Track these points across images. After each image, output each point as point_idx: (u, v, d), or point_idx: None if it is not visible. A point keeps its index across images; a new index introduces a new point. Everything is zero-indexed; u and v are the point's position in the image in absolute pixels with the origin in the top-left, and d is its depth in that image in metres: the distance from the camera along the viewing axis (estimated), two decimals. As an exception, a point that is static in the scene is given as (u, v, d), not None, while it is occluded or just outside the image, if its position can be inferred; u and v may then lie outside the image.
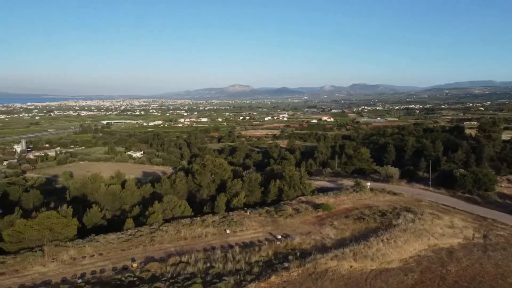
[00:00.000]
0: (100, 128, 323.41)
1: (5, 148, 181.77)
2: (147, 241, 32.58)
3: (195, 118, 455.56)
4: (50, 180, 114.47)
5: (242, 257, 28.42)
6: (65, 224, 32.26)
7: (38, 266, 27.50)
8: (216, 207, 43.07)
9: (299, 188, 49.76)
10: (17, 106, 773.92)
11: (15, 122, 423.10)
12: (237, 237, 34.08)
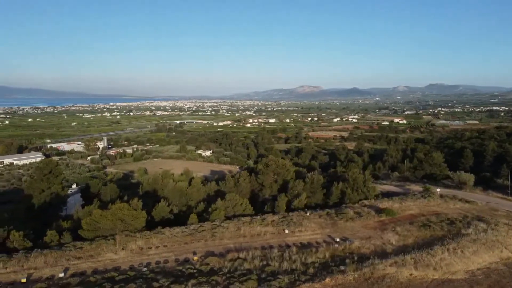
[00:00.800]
0: (173, 128, 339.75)
1: (89, 145, 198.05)
2: (209, 236, 33.98)
3: (263, 118, 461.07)
4: (127, 175, 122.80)
5: (298, 257, 28.60)
6: (135, 216, 34.73)
7: (110, 253, 29.98)
8: (276, 207, 43.60)
9: (362, 192, 48.60)
10: (101, 106, 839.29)
11: (99, 121, 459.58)
12: (295, 237, 34.30)
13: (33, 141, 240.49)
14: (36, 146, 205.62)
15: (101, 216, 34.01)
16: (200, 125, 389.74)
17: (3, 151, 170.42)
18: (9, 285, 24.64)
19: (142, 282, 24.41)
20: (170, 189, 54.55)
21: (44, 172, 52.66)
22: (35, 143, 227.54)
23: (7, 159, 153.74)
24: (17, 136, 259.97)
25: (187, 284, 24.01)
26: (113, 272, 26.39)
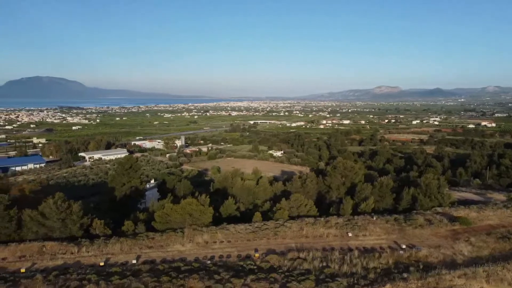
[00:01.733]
0: (247, 128, 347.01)
1: (168, 143, 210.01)
2: (271, 234, 34.64)
3: (337, 120, 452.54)
4: (201, 173, 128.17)
5: (360, 261, 28.12)
6: (202, 212, 36.51)
7: (178, 245, 31.92)
8: (341, 210, 42.99)
9: (436, 198, 46.04)
10: (180, 106, 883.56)
11: (178, 120, 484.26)
12: (358, 241, 33.67)
13: (119, 138, 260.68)
14: (122, 143, 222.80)
15: (172, 210, 36.27)
16: (273, 126, 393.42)
17: (94, 147, 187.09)
18: (90, 267, 27.38)
19: (204, 274, 25.72)
20: (239, 187, 56.24)
21: (125, 167, 57.10)
22: (121, 140, 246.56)
23: (96, 154, 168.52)
24: (106, 133, 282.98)
25: (246, 279, 24.85)
26: (179, 262, 28.11)
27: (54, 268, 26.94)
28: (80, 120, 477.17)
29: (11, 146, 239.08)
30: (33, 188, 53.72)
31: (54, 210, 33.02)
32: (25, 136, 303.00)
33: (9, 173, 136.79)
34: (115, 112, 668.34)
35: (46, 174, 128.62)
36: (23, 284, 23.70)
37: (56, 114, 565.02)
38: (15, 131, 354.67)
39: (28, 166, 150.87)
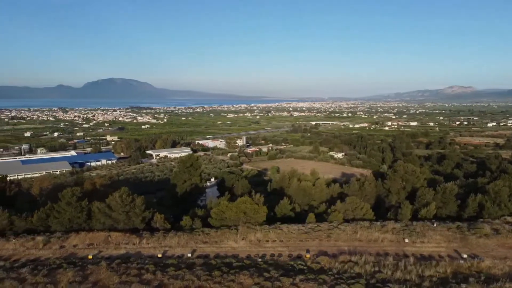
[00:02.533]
0: (308, 128, 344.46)
1: (230, 143, 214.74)
2: (324, 236, 34.45)
3: (403, 121, 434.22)
4: (261, 172, 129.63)
5: (415, 268, 27.08)
6: (256, 210, 37.21)
7: (231, 241, 32.86)
8: (399, 215, 41.55)
9: (506, 207, 42.87)
10: (243, 106, 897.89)
11: (240, 121, 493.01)
12: (415, 248, 32.38)
13: (184, 137, 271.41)
14: (186, 142, 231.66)
15: (227, 208, 37.39)
16: (335, 127, 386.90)
17: (160, 146, 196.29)
18: (149, 257, 29.14)
19: (254, 271, 26.31)
20: (295, 188, 56.38)
21: (186, 165, 59.65)
22: (185, 139, 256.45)
23: (162, 152, 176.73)
24: (172, 132, 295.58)
25: (295, 278, 25.04)
26: (231, 259, 28.97)
27: (117, 257, 29.05)
28: (149, 119, 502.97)
29: (88, 143, 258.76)
30: (103, 182, 57.88)
31: (119, 203, 35.53)
32: (100, 134, 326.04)
33: (85, 168, 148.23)
34: (181, 112, 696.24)
35: (116, 170, 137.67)
36: (90, 269, 25.85)
37: (127, 114, 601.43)
38: (91, 129, 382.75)
39: (101, 162, 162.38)
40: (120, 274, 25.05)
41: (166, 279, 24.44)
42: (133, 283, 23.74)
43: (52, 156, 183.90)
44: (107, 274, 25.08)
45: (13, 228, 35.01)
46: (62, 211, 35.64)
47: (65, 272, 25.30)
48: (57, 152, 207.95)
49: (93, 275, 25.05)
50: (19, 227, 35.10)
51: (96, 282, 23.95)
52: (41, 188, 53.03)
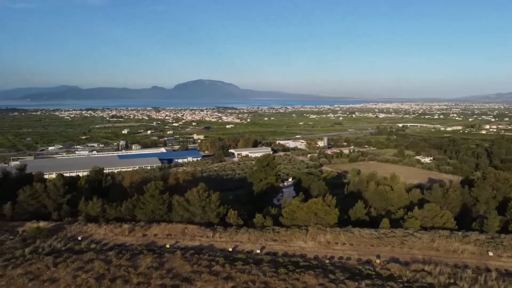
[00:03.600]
0: (394, 131, 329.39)
1: (311, 143, 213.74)
2: (397, 243, 33.19)
3: (505, 125, 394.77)
4: (340, 175, 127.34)
5: (497, 284, 25.02)
6: (327, 212, 37.02)
7: (300, 241, 33.19)
8: (485, 226, 38.30)
9: None
10: (326, 107, 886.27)
11: (323, 121, 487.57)
12: (500, 262, 29.80)
13: (266, 137, 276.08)
14: (267, 142, 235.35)
15: (298, 208, 37.76)
16: (424, 129, 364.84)
17: (242, 145, 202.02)
18: (220, 251, 30.70)
19: (320, 272, 26.37)
20: (372, 192, 54.75)
21: (263, 164, 60.99)
22: (267, 139, 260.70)
23: (244, 151, 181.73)
24: (255, 132, 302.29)
25: (360, 283, 24.62)
26: (299, 258, 29.32)
27: (192, 248, 31.02)
28: (233, 119, 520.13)
29: (176, 141, 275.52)
30: (186, 178, 61.62)
31: (196, 198, 37.78)
32: (187, 132, 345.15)
33: (172, 164, 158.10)
34: (264, 112, 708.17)
35: (201, 167, 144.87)
36: (166, 257, 28.01)
37: (213, 114, 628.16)
38: (180, 128, 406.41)
39: (187, 159, 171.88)
40: (192, 264, 26.77)
41: (234, 272, 25.57)
42: (203, 273, 25.26)
43: (144, 152, 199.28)
44: (181, 263, 26.96)
45: (105, 215, 39.06)
46: (146, 202, 38.93)
47: (144, 257, 27.73)
48: (149, 148, 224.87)
49: (168, 262, 27.11)
50: (110, 215, 39.07)
51: (171, 269, 25.89)
52: (131, 181, 58.14)
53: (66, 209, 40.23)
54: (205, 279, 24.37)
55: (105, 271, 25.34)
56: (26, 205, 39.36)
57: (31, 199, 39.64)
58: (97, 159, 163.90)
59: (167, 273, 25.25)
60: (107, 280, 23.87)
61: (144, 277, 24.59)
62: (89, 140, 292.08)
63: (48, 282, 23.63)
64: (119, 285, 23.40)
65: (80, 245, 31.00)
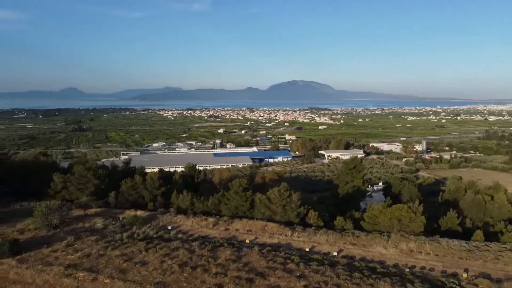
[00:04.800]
0: (506, 135, 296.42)
1: (407, 147, 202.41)
2: (490, 258, 30.40)
3: None
4: (439, 181, 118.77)
5: None
6: (412, 219, 35.24)
7: (380, 247, 32.18)
8: None
9: None
10: (427, 109, 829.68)
11: (422, 124, 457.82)
12: None
13: (359, 139, 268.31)
14: (360, 144, 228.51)
15: (381, 213, 36.58)
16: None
17: (334, 146, 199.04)
18: (297, 250, 31.18)
19: (397, 280, 25.41)
20: (469, 201, 50.47)
21: (349, 167, 59.90)
22: (360, 141, 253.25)
23: (335, 153, 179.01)
24: (347, 134, 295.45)
25: (441, 296, 23.30)
26: (376, 264, 28.54)
27: (270, 245, 31.99)
28: (326, 120, 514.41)
29: (268, 141, 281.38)
30: (272, 177, 63.01)
31: (277, 197, 38.71)
32: (280, 133, 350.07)
33: (263, 163, 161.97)
34: (358, 113, 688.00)
35: (290, 167, 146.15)
36: (244, 251, 29.33)
37: (306, 114, 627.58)
38: (273, 128, 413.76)
39: (278, 159, 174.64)
40: (268, 260, 27.69)
41: (307, 271, 25.89)
42: (277, 269, 26.01)
43: (237, 151, 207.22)
44: (257, 258, 28.05)
45: (193, 208, 41.95)
46: (230, 198, 40.96)
47: (224, 250, 29.38)
48: (242, 147, 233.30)
49: (246, 256, 28.39)
50: (197, 208, 41.88)
51: (247, 263, 27.11)
52: (220, 178, 61.34)
53: (160, 200, 44.13)
54: (278, 275, 25.10)
55: (188, 259, 27.47)
56: (127, 195, 44.03)
57: (132, 190, 44.23)
58: (194, 156, 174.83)
59: (243, 266, 26.51)
60: (189, 267, 25.87)
61: (222, 268, 26.15)
62: (188, 138, 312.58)
63: (139, 264, 26.39)
64: (199, 273, 25.22)
65: (169, 234, 33.88)
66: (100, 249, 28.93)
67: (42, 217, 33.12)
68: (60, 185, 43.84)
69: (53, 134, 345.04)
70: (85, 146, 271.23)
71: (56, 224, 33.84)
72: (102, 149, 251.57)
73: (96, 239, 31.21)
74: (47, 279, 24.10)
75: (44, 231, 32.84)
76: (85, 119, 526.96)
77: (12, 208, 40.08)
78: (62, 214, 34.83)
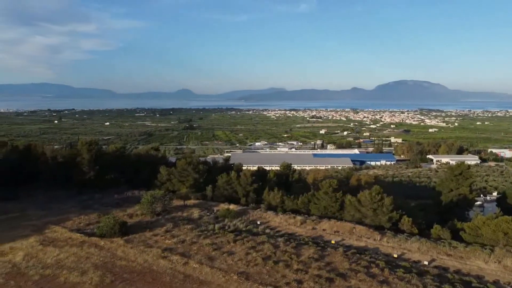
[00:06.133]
0: None
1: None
2: None
3: None
4: None
5: None
6: (522, 233, 31.48)
7: (480, 261, 29.39)
8: None
9: None
10: None
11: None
12: None
13: (474, 144, 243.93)
14: (476, 149, 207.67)
15: (484, 224, 33.35)
16: None
17: (444, 151, 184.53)
18: (384, 255, 30.10)
19: (494, 298, 23.20)
20: None
21: (455, 173, 55.18)
22: (476, 146, 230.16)
23: (444, 158, 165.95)
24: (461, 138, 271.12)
25: (546, 321, 20.65)
26: (472, 278, 26.25)
27: (356, 247, 31.41)
28: (437, 123, 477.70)
29: (372, 143, 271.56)
30: (368, 180, 61.21)
31: (368, 199, 37.64)
32: (384, 135, 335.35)
33: (364, 166, 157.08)
34: (476, 116, 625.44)
35: (392, 171, 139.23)
36: (328, 251, 29.32)
37: (415, 116, 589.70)
38: (377, 130, 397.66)
39: (380, 162, 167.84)
40: (351, 262, 27.33)
41: (391, 278, 24.98)
42: (359, 272, 25.57)
43: (338, 152, 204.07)
44: (340, 259, 27.85)
45: (283, 206, 42.90)
46: (320, 198, 40.97)
47: (308, 248, 29.73)
48: (343, 149, 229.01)
49: (329, 256, 28.39)
50: (287, 206, 42.71)
51: (329, 263, 27.11)
52: (314, 178, 61.43)
53: (252, 196, 45.95)
54: (360, 278, 24.70)
55: (272, 253, 28.45)
56: (223, 189, 46.71)
57: (226, 185, 46.79)
58: (293, 156, 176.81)
59: (325, 266, 26.59)
60: (272, 261, 26.82)
61: (304, 265, 26.57)
62: (290, 138, 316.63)
63: (226, 254, 28.13)
64: (281, 267, 26.00)
65: (257, 228, 35.26)
66: (193, 237, 31.45)
67: (148, 204, 37.07)
68: (165, 177, 48.33)
69: (167, 132, 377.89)
70: (194, 143, 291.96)
71: (159, 211, 37.59)
72: (209, 146, 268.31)
73: (191, 227, 33.95)
74: (147, 258, 27.08)
75: (149, 217, 36.76)
76: (195, 118, 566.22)
77: (125, 195, 45.50)
78: (165, 203, 38.51)
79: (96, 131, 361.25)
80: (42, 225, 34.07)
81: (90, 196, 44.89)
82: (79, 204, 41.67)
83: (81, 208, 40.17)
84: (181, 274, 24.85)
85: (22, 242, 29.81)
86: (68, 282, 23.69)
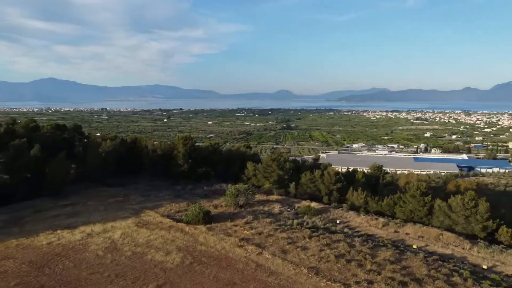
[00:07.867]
0: None
1: None
2: None
3: None
4: None
5: None
6: None
7: None
8: None
9: None
10: None
11: None
12: None
13: None
14: None
15: None
16: None
17: None
18: (471, 265, 27.80)
19: None
20: None
21: None
22: None
23: None
24: None
25: None
26: None
27: (440, 254, 29.43)
28: None
29: (484, 148, 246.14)
30: (469, 187, 56.06)
31: (459, 205, 34.81)
32: (500, 140, 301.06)
33: (471, 172, 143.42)
34: None
35: (506, 180, 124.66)
36: (406, 255, 28.01)
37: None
38: (493, 134, 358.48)
39: (492, 169, 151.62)
40: (430, 268, 25.82)
41: (474, 289, 23.11)
42: (438, 279, 24.09)
43: (442, 157, 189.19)
44: (419, 264, 26.46)
45: (367, 207, 41.65)
46: (406, 201, 38.96)
47: (386, 250, 28.73)
48: (449, 154, 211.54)
49: (406, 260, 27.15)
50: (371, 208, 41.36)
51: (405, 267, 25.95)
52: (406, 181, 58.14)
53: (336, 195, 45.39)
54: (437, 286, 23.39)
55: (346, 252, 28.15)
56: (306, 187, 46.93)
57: (310, 183, 46.90)
58: (391, 159, 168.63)
59: (401, 269, 25.55)
60: (344, 259, 26.58)
61: (378, 266, 25.86)
62: (390, 141, 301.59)
63: (300, 248, 28.57)
64: (353, 266, 25.66)
65: (336, 227, 34.95)
66: (270, 230, 32.44)
67: (232, 197, 39.09)
68: (252, 173, 50.19)
69: (265, 131, 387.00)
70: (290, 143, 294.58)
71: (241, 204, 39.38)
72: (304, 146, 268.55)
73: (270, 221, 34.99)
74: (224, 246, 28.78)
75: (232, 208, 38.73)
76: (293, 119, 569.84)
77: (214, 187, 48.37)
78: (248, 196, 40.18)
79: (200, 129, 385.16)
80: (139, 209, 38.08)
81: (183, 187, 48.71)
82: (173, 193, 45.56)
83: (174, 196, 43.89)
84: (254, 263, 25.96)
85: (121, 223, 33.77)
86: (154, 260, 26.35)
